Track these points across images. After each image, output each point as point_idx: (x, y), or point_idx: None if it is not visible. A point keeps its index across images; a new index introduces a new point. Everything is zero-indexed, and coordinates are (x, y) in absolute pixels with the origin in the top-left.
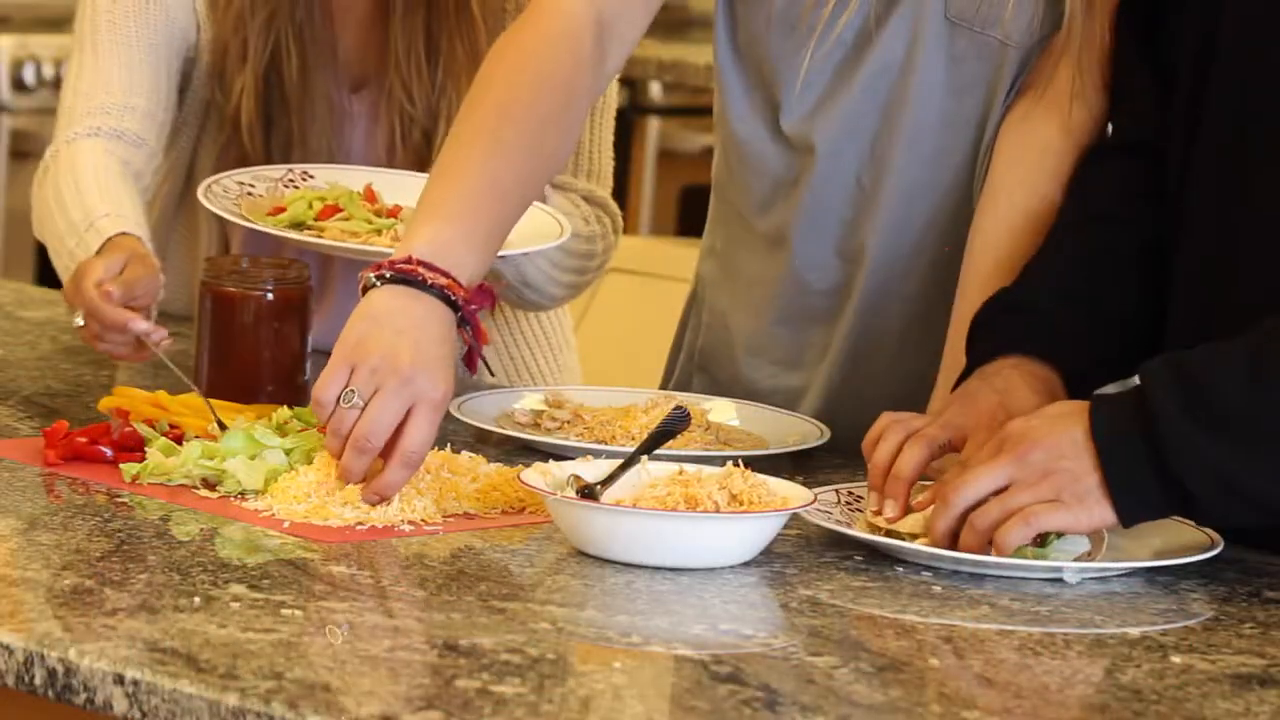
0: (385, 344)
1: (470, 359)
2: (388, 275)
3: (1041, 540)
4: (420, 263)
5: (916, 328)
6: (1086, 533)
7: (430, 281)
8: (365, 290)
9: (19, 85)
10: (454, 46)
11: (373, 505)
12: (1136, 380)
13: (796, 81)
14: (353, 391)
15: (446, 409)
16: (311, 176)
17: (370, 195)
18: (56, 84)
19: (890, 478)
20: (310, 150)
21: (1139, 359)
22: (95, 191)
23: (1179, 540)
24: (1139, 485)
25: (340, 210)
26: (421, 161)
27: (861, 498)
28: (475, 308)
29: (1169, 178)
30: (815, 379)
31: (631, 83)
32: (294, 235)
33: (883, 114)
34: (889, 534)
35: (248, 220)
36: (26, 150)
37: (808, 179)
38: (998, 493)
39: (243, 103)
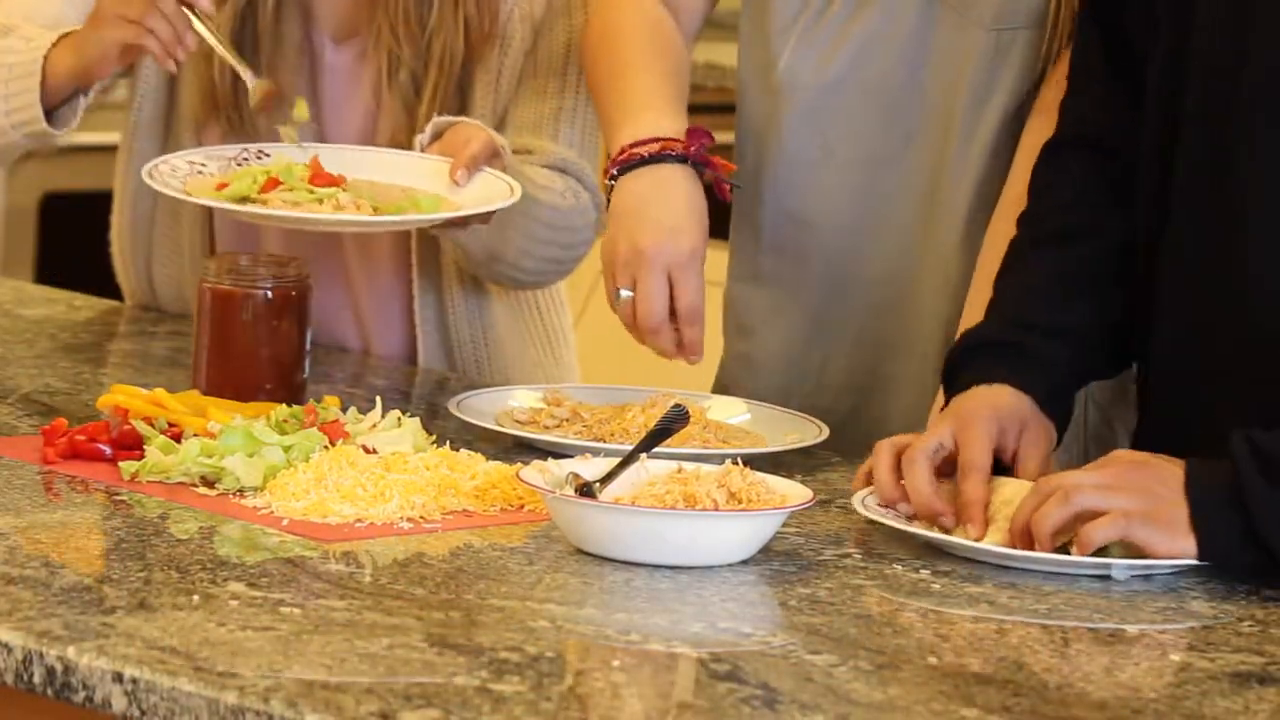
0: (626, 235)
1: (719, 189)
2: (615, 174)
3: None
4: (631, 145)
5: (873, 323)
6: (1164, 558)
7: (647, 153)
8: (608, 200)
9: None
10: None
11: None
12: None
13: (790, 35)
14: (619, 290)
15: (704, 254)
16: (267, 155)
17: (316, 166)
18: None
19: (968, 505)
20: (282, 95)
21: (1114, 362)
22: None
23: None
24: (1225, 536)
25: (282, 183)
26: (409, 107)
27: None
28: (697, 146)
29: (1143, 192)
30: (766, 343)
31: None
32: (234, 207)
33: (859, 80)
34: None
35: (189, 196)
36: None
37: (778, 130)
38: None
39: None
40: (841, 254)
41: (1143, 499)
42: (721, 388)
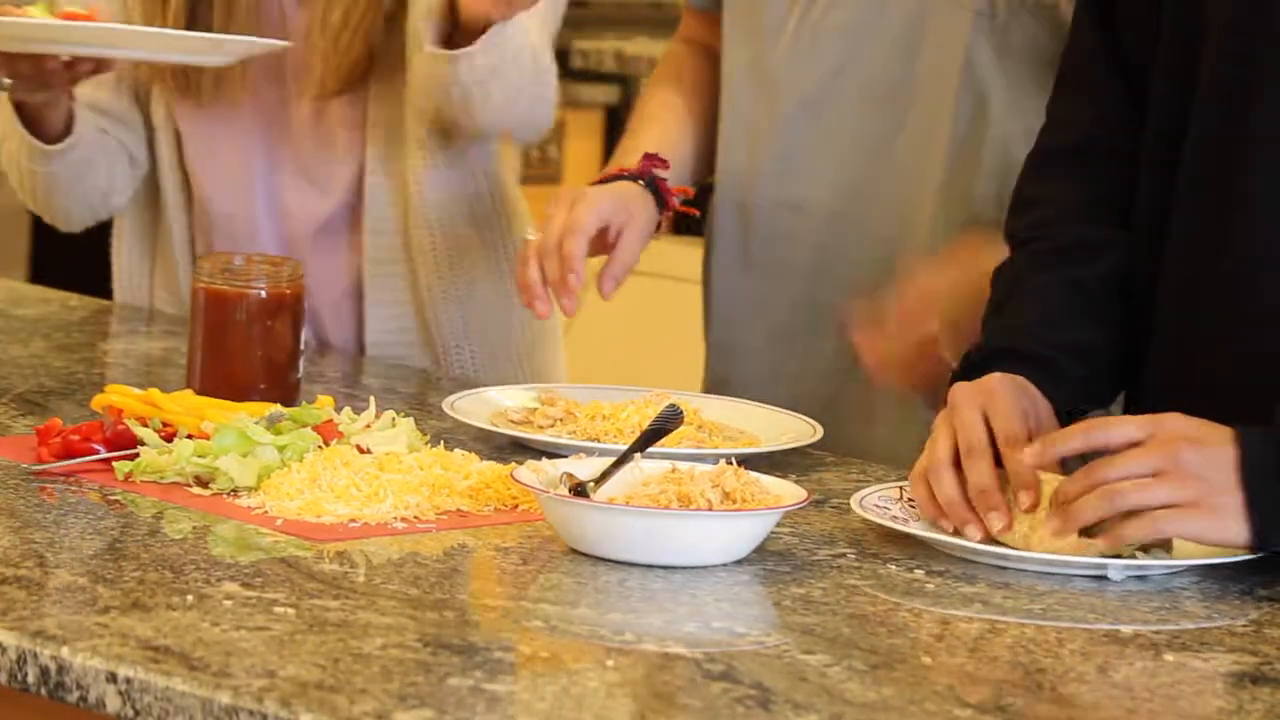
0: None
1: (668, 200)
2: None
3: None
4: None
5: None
6: (1215, 544)
7: (603, 178)
8: None
9: None
10: None
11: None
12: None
13: (785, 29)
14: (528, 231)
15: (606, 214)
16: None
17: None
18: None
19: (978, 496)
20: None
21: (1113, 388)
22: None
23: None
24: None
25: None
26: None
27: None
28: (647, 165)
29: (1140, 212)
30: (754, 329)
31: (625, 80)
32: None
33: (857, 71)
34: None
35: None
36: None
37: (775, 121)
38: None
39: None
40: (831, 239)
41: (1191, 488)
42: (709, 379)
